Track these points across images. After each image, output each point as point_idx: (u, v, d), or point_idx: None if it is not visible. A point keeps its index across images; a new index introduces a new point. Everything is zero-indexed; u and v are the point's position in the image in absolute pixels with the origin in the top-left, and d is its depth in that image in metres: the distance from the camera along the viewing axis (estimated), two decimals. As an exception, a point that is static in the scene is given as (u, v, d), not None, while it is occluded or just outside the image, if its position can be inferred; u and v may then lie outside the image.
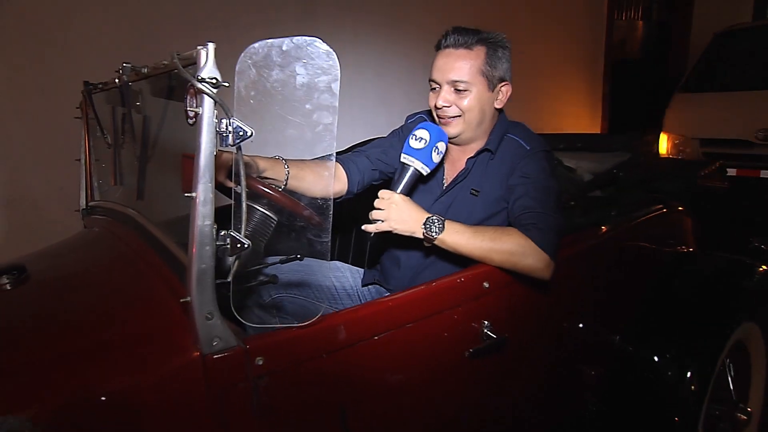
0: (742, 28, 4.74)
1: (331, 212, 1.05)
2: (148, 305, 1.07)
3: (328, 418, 1.13)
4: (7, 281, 1.22)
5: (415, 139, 1.35)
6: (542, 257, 1.23)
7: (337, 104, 0.93)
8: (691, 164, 2.60)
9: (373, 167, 1.60)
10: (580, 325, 1.62)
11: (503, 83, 1.46)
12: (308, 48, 0.92)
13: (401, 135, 1.61)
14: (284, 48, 0.92)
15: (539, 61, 4.54)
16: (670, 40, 6.57)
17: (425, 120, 1.57)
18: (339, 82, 0.92)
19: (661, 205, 1.95)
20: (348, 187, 1.56)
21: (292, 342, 1.04)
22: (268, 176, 1.36)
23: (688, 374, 1.72)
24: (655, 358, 1.78)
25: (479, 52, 1.40)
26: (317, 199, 1.32)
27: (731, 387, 2.02)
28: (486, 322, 1.31)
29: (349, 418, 1.15)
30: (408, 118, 1.66)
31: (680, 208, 2.08)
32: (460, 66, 1.39)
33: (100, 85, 1.52)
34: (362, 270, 1.72)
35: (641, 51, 6.57)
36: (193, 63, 0.91)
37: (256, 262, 1.32)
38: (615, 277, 1.72)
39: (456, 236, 1.25)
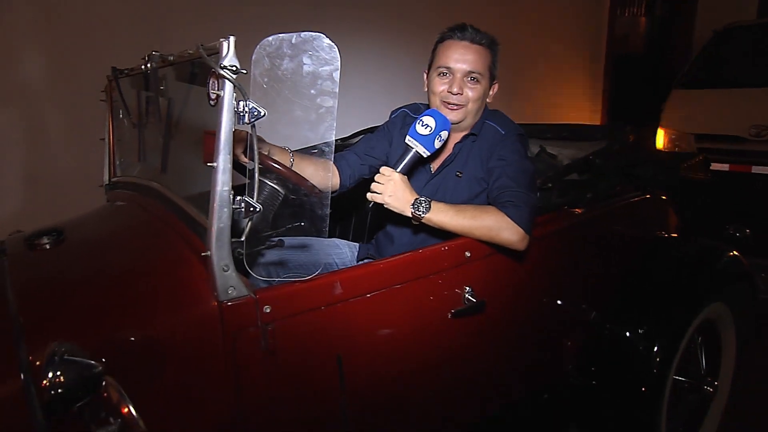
0: (741, 26, 4.84)
1: (329, 196, 1.22)
2: (172, 260, 1.24)
3: (327, 363, 1.29)
4: (47, 241, 1.40)
5: (422, 125, 1.48)
6: (517, 231, 1.39)
7: (337, 90, 1.09)
8: (675, 155, 2.74)
9: (362, 162, 1.77)
10: (559, 300, 1.78)
11: (495, 81, 1.65)
12: (314, 42, 1.08)
13: (386, 130, 1.79)
14: (293, 41, 1.08)
15: (540, 54, 4.66)
16: (672, 35, 6.65)
17: (408, 114, 1.77)
18: (339, 71, 1.08)
19: (638, 191, 2.10)
20: (341, 181, 1.74)
21: (295, 294, 1.20)
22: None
23: (655, 348, 1.88)
24: (627, 334, 1.94)
25: (489, 51, 1.59)
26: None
27: (702, 363, 2.19)
28: (467, 288, 1.47)
29: (345, 366, 1.32)
30: (392, 113, 1.83)
31: (659, 196, 2.24)
32: (478, 59, 1.55)
33: (126, 71, 1.69)
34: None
35: (643, 46, 6.66)
36: (216, 52, 1.07)
37: (265, 228, 1.49)
38: (592, 256, 1.88)
39: (440, 215, 1.42)
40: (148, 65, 1.45)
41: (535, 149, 2.13)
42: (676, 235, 2.30)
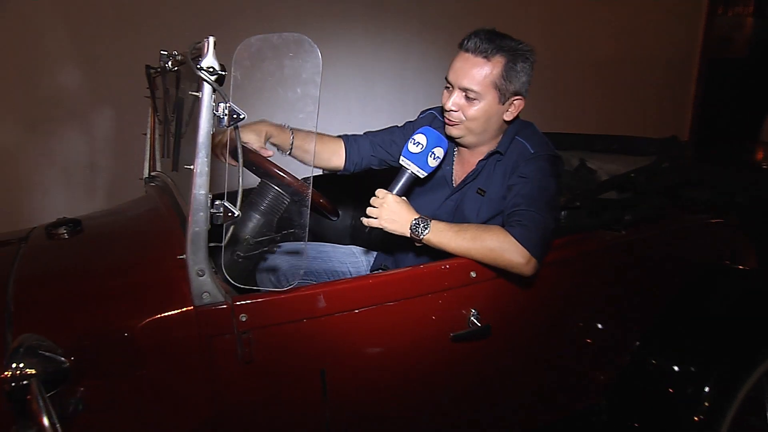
0: None
1: (310, 191, 1.17)
2: (160, 259, 1.24)
3: (309, 376, 1.25)
4: (64, 231, 1.46)
5: (413, 144, 1.41)
6: (521, 253, 1.25)
7: (318, 94, 1.03)
8: (746, 175, 2.41)
9: (373, 153, 1.67)
10: (585, 329, 1.62)
11: (517, 97, 1.43)
12: (295, 43, 1.03)
13: (410, 129, 1.66)
14: (275, 42, 1.03)
15: (620, 57, 4.31)
16: (785, 39, 5.93)
17: (436, 116, 1.62)
18: (321, 74, 1.02)
19: (691, 214, 1.86)
20: (345, 164, 1.65)
21: (273, 305, 1.17)
22: (274, 142, 1.50)
23: (706, 390, 1.66)
24: (675, 369, 1.73)
25: (497, 63, 1.37)
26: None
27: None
28: (474, 310, 1.36)
29: (330, 382, 1.27)
30: (421, 112, 1.70)
31: (732, 220, 1.96)
32: (474, 74, 1.37)
33: (158, 69, 1.73)
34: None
35: (748, 50, 6.00)
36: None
37: (268, 233, 1.47)
38: (632, 284, 1.68)
39: (440, 235, 1.32)
40: (167, 65, 1.47)
41: (575, 162, 1.94)
42: (747, 265, 2.02)
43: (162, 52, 1.44)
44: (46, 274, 1.27)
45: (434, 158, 1.41)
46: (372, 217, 1.37)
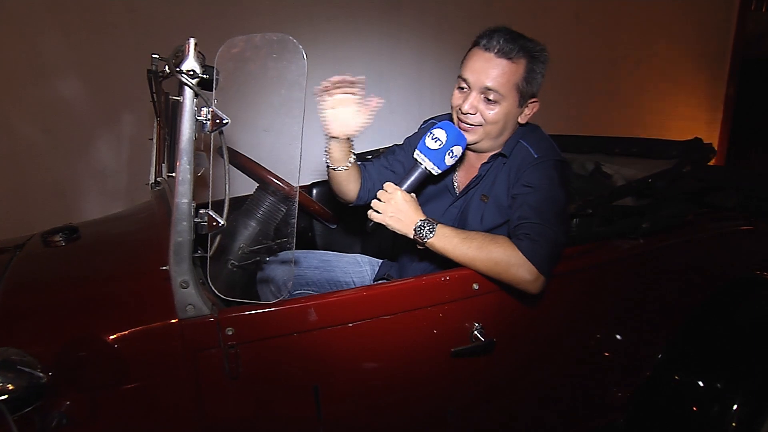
0: None
1: (297, 196, 1.11)
2: (146, 270, 1.20)
3: (301, 392, 1.19)
4: (60, 239, 1.44)
5: (432, 139, 1.31)
6: (529, 269, 1.17)
7: (303, 97, 0.98)
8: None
9: (380, 177, 1.57)
10: (598, 343, 1.53)
11: (533, 99, 1.37)
12: (279, 43, 0.97)
13: (413, 144, 1.54)
14: (258, 42, 0.98)
15: (646, 55, 4.15)
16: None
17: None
18: (306, 76, 0.97)
19: (716, 221, 1.74)
20: (359, 193, 1.55)
21: (261, 318, 1.11)
22: (335, 155, 1.43)
23: (734, 407, 1.55)
24: (700, 384, 1.62)
25: (519, 65, 1.31)
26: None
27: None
28: (477, 324, 1.29)
29: (324, 399, 1.21)
30: (423, 123, 1.63)
31: (747, 227, 1.83)
32: (498, 74, 1.30)
33: (161, 73, 1.71)
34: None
35: (784, 48, 5.73)
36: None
37: (264, 241, 1.42)
38: (650, 293, 1.58)
39: (444, 240, 1.24)
40: (156, 68, 1.44)
41: (590, 167, 1.84)
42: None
43: (153, 55, 1.41)
44: (34, 282, 1.25)
45: (452, 157, 1.32)
46: (377, 211, 1.28)
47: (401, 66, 3.15)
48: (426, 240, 1.25)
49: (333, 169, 1.44)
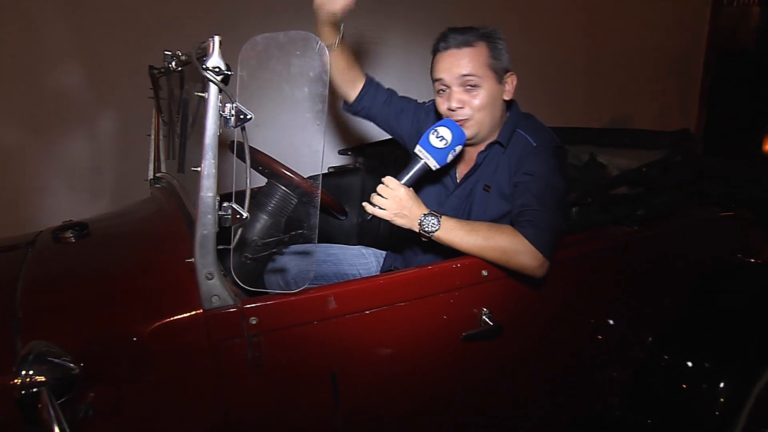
0: None
1: (319, 192, 1.15)
2: (167, 263, 1.23)
3: (319, 379, 1.23)
4: (71, 235, 1.45)
5: (437, 137, 1.33)
6: (535, 255, 1.23)
7: (326, 92, 1.01)
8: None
9: (383, 109, 1.63)
10: (597, 326, 1.60)
11: (508, 73, 1.43)
12: (302, 41, 1.01)
13: (419, 113, 1.63)
14: (281, 40, 1.01)
15: (625, 50, 4.27)
16: (792, 29, 5.85)
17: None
18: (329, 72, 1.00)
19: (716, 209, 1.84)
20: (354, 100, 1.60)
21: (283, 307, 1.15)
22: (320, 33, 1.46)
23: (721, 386, 1.64)
24: (689, 365, 1.71)
25: (481, 47, 1.39)
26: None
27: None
28: (485, 309, 1.34)
29: (341, 385, 1.25)
30: (427, 102, 1.65)
31: (745, 214, 1.94)
32: (468, 62, 1.37)
33: (162, 69, 1.71)
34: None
35: (755, 41, 5.92)
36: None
37: (276, 234, 1.45)
38: (644, 280, 1.66)
39: (451, 233, 1.28)
40: (170, 65, 1.46)
41: (585, 157, 1.92)
42: (760, 259, 1.99)
43: (166, 52, 1.42)
44: (53, 278, 1.26)
45: (453, 154, 1.36)
46: (377, 206, 1.31)
47: (388, 62, 3.19)
48: (431, 233, 1.29)
49: None
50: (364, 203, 1.32)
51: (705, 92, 5.06)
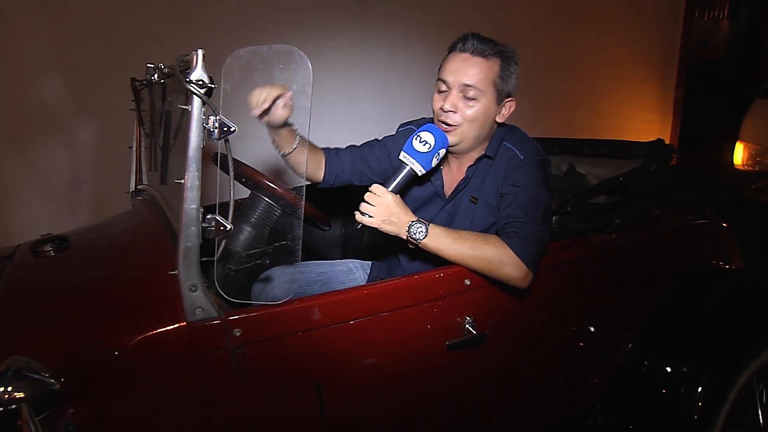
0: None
1: (303, 203, 1.15)
2: (150, 275, 1.22)
3: (305, 390, 1.23)
4: (50, 248, 1.43)
5: (419, 141, 1.35)
6: (519, 267, 1.25)
7: (309, 105, 1.03)
8: (746, 174, 2.44)
9: (353, 169, 1.62)
10: (579, 333, 1.63)
11: (509, 99, 1.45)
12: (285, 55, 1.02)
13: (389, 144, 1.62)
14: (265, 54, 1.02)
15: (604, 61, 4.37)
16: (760, 41, 6.07)
17: (414, 131, 1.49)
18: (312, 85, 1.02)
19: (691, 216, 1.88)
20: (324, 177, 1.59)
21: (268, 319, 1.15)
22: (277, 140, 1.40)
23: (699, 389, 1.67)
24: (668, 370, 1.74)
25: (494, 63, 1.39)
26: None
27: (759, 413, 1.93)
28: (469, 318, 1.36)
29: (326, 395, 1.25)
30: (399, 126, 1.67)
31: (718, 221, 1.99)
32: (475, 72, 1.37)
33: (144, 81, 1.71)
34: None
35: (725, 53, 6.13)
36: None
37: (260, 245, 1.45)
38: (623, 286, 1.70)
39: (438, 241, 1.29)
40: (153, 77, 1.46)
41: (564, 167, 1.96)
42: (734, 265, 2.05)
43: (148, 65, 1.42)
44: (32, 293, 1.24)
45: (437, 158, 1.37)
46: (366, 214, 1.31)
47: (371, 71, 3.22)
48: (419, 241, 1.30)
49: (280, 154, 1.44)
50: (355, 212, 1.32)
51: (679, 102, 5.21)
